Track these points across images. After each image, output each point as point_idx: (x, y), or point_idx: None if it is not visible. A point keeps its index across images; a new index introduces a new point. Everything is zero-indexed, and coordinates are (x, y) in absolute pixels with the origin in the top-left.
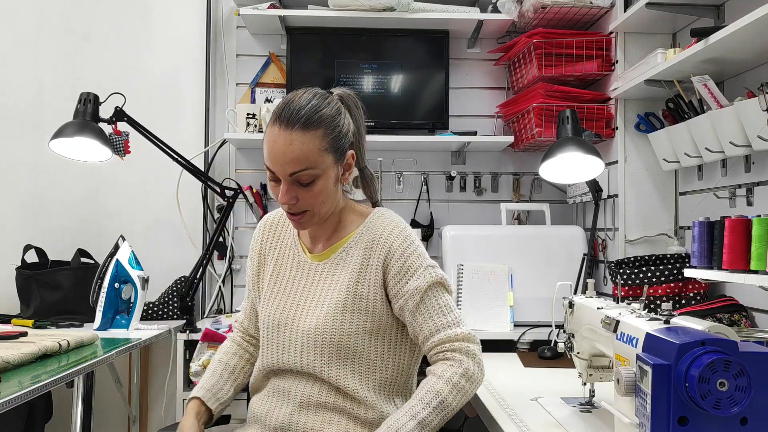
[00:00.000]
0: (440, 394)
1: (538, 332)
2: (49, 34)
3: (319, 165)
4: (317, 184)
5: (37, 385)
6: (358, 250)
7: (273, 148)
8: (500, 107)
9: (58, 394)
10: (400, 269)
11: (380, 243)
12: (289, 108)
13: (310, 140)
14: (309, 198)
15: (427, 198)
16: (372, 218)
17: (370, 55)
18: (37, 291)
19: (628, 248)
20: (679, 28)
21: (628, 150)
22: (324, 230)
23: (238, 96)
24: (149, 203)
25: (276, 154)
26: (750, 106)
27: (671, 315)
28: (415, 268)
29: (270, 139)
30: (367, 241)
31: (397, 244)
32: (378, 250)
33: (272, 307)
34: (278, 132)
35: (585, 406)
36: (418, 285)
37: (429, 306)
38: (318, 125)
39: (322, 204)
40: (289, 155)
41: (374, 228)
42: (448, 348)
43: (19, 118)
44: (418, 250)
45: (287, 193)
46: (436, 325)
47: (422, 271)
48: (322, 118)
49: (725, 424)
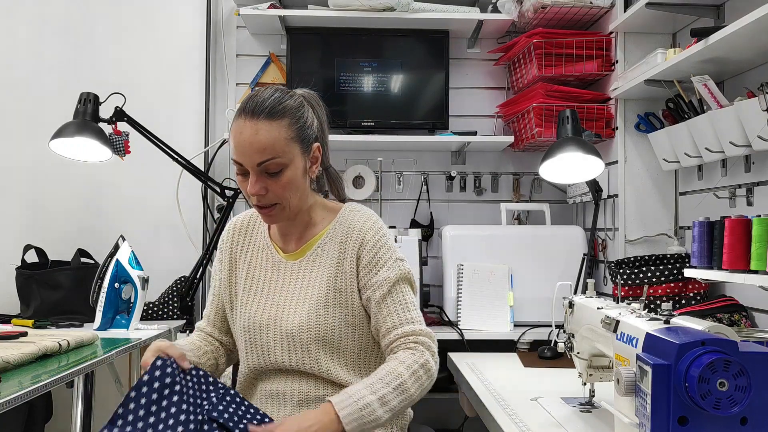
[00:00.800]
0: (401, 376)
1: (538, 332)
2: (49, 34)
3: (286, 154)
4: (285, 174)
5: (37, 385)
6: (333, 245)
7: (240, 139)
8: (500, 107)
9: (58, 394)
10: (371, 260)
11: (354, 235)
12: (253, 101)
13: (276, 129)
14: (278, 189)
15: (427, 198)
16: (344, 213)
17: (370, 55)
18: (37, 291)
19: (628, 248)
20: (679, 28)
21: (628, 150)
22: (295, 227)
23: (238, 96)
24: (149, 203)
25: (243, 145)
26: (750, 106)
27: (671, 315)
28: (385, 260)
29: (236, 131)
30: (342, 236)
31: (370, 236)
32: (352, 243)
33: (251, 309)
34: (244, 123)
35: (585, 406)
36: (387, 276)
37: (395, 300)
38: (282, 115)
39: (291, 195)
40: (255, 145)
41: (347, 222)
42: (411, 340)
43: (19, 118)
44: (389, 242)
45: (256, 184)
46: (400, 319)
47: (391, 264)
48: (285, 108)
49: (725, 424)
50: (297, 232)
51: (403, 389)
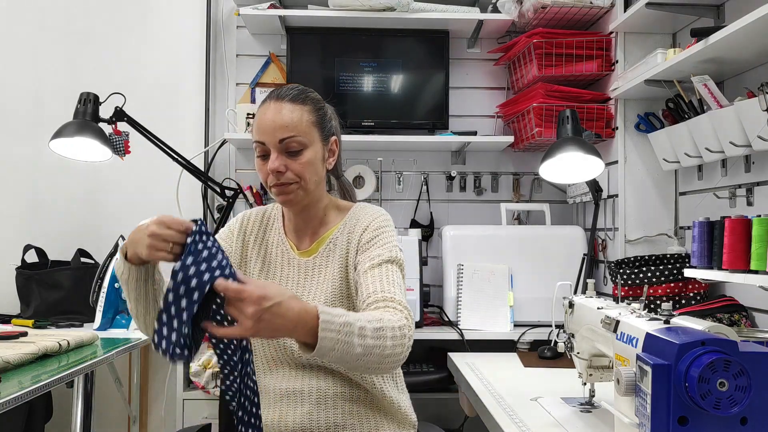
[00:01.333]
0: (381, 321)
1: (538, 332)
2: (49, 35)
3: (307, 135)
4: (305, 155)
5: (37, 385)
6: (343, 239)
7: (264, 118)
8: (500, 107)
9: (58, 394)
10: (368, 241)
11: (360, 225)
12: (279, 88)
13: (299, 111)
14: (297, 167)
15: (427, 198)
16: (354, 210)
17: (370, 55)
18: (37, 291)
19: (628, 248)
20: (679, 28)
21: (628, 150)
22: (309, 223)
23: (238, 96)
24: (149, 203)
25: (266, 123)
26: (750, 106)
27: (671, 315)
28: (382, 243)
29: (261, 112)
30: (350, 228)
31: (374, 225)
32: (357, 232)
33: None
34: (268, 104)
35: (585, 406)
36: (380, 254)
37: (382, 274)
38: (305, 101)
39: (310, 177)
40: (279, 122)
41: (356, 216)
42: (394, 307)
43: (19, 119)
44: (390, 232)
45: (276, 160)
46: (383, 291)
47: (388, 246)
48: (308, 96)
49: (725, 424)
50: (311, 228)
51: (381, 334)
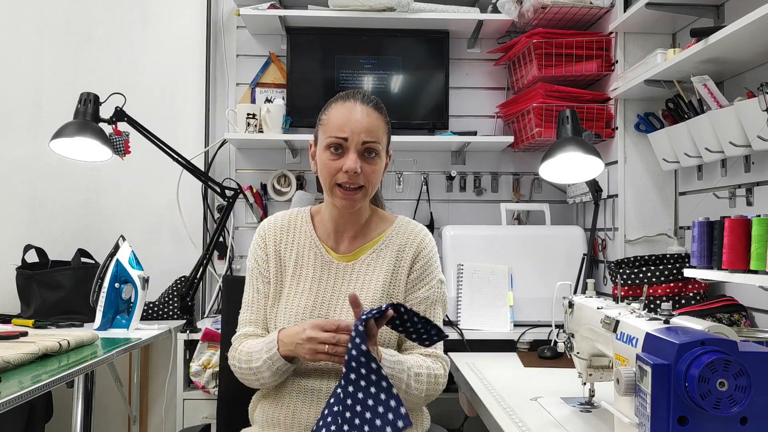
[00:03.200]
0: (431, 368)
1: (538, 332)
2: (49, 35)
3: (382, 143)
4: (377, 162)
5: (37, 385)
6: (391, 252)
7: (351, 116)
8: (500, 107)
9: (58, 394)
10: (419, 276)
11: (412, 246)
12: (359, 92)
13: (379, 119)
14: (369, 172)
15: (427, 198)
16: (400, 223)
17: (370, 54)
18: (38, 291)
19: (628, 248)
20: (679, 28)
21: (628, 150)
22: (351, 226)
23: (238, 96)
24: (149, 203)
25: (354, 122)
26: (750, 106)
27: (671, 315)
28: (430, 278)
29: (345, 110)
30: (400, 244)
31: (425, 252)
32: (409, 253)
33: (298, 305)
34: (354, 104)
35: (585, 406)
36: (427, 296)
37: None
38: (382, 111)
39: (375, 185)
40: (366, 124)
41: (405, 232)
42: (435, 356)
43: (19, 118)
44: (437, 262)
45: (356, 161)
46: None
47: (435, 284)
48: (383, 107)
49: (725, 423)
50: (352, 231)
51: (425, 380)
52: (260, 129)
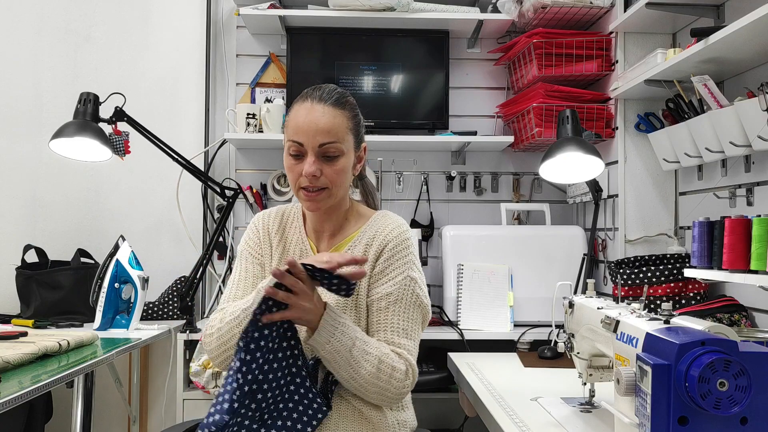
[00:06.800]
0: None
1: (538, 332)
2: (49, 35)
3: (344, 142)
4: (340, 161)
5: (37, 385)
6: (360, 248)
7: (306, 119)
8: (500, 107)
9: (58, 394)
10: (383, 269)
11: (378, 239)
12: (319, 89)
13: (340, 117)
14: (332, 174)
15: (427, 198)
16: (375, 218)
17: (370, 55)
18: (37, 291)
19: (628, 248)
20: (679, 28)
21: (628, 150)
22: (330, 224)
23: (238, 96)
24: (149, 203)
25: (308, 125)
26: (750, 106)
27: (671, 315)
28: (396, 274)
29: (301, 112)
30: (369, 238)
31: (393, 245)
32: (374, 246)
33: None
34: (311, 105)
35: (585, 406)
36: (390, 292)
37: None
38: (344, 106)
39: (341, 184)
40: (321, 126)
41: (377, 226)
42: (399, 353)
43: (19, 118)
44: (408, 258)
45: (313, 164)
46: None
47: (400, 279)
48: (347, 101)
49: (725, 424)
50: (330, 229)
51: (376, 363)
52: (260, 129)
